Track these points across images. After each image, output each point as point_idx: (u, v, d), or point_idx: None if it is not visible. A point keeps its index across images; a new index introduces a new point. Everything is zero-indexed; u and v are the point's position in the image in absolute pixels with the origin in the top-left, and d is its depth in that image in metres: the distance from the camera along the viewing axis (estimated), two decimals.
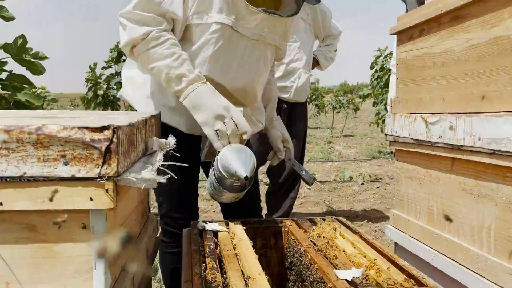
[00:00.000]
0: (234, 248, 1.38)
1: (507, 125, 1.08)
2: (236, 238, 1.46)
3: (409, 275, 1.15)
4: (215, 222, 1.60)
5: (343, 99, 13.74)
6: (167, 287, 1.97)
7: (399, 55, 1.69)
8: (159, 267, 2.75)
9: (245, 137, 1.49)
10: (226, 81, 1.64)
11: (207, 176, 1.99)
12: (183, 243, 1.53)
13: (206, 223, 1.57)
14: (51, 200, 0.88)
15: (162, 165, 1.13)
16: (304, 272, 1.38)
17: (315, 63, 3.70)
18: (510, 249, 1.13)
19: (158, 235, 1.72)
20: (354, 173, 6.55)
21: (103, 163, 0.88)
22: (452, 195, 1.38)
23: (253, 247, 1.38)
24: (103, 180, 0.88)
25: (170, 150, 1.34)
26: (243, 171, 1.39)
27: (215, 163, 1.49)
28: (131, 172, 0.94)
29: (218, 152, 1.49)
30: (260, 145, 2.94)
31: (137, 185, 0.93)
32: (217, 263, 1.25)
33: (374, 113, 9.62)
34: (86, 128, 0.88)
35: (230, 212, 1.93)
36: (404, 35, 1.65)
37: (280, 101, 3.35)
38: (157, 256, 1.93)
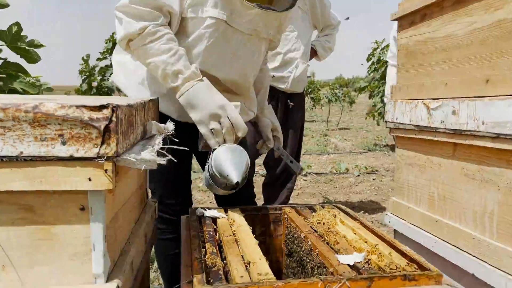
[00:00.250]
0: (234, 234, 1.37)
1: (511, 108, 1.07)
2: (235, 225, 1.45)
3: (411, 260, 1.14)
4: (214, 209, 1.59)
5: (338, 92, 13.73)
6: (163, 273, 1.96)
7: (400, 41, 1.67)
8: (155, 256, 2.74)
9: (240, 135, 1.48)
10: (220, 75, 1.63)
11: (200, 164, 1.98)
12: (181, 229, 1.51)
13: (205, 210, 1.55)
14: (48, 180, 0.86)
15: (161, 148, 1.11)
16: (304, 258, 1.36)
17: (313, 53, 3.67)
18: None
19: None
20: (350, 165, 6.55)
21: (102, 142, 0.86)
22: (454, 180, 1.37)
23: (252, 234, 1.37)
24: (102, 160, 0.86)
25: (168, 135, 1.32)
26: (235, 177, 1.40)
27: (209, 160, 1.49)
28: (131, 153, 0.91)
29: (213, 149, 1.50)
30: (256, 136, 2.92)
31: (136, 166, 0.91)
32: (217, 249, 1.23)
33: (370, 105, 9.62)
34: (85, 106, 0.85)
35: (225, 201, 1.92)
36: (405, 20, 1.63)
37: (277, 91, 3.33)
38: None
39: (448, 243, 1.37)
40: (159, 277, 2.60)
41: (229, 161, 1.42)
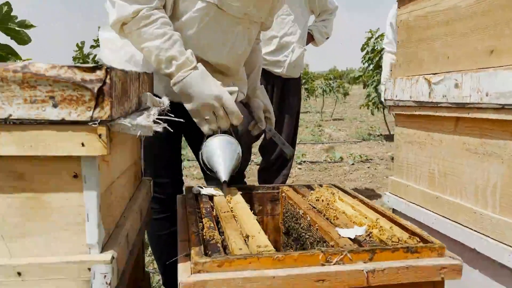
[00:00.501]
0: (231, 211, 1.34)
1: None
2: (232, 202, 1.42)
3: (413, 233, 1.12)
4: (211, 187, 1.55)
5: (333, 82, 13.70)
6: (156, 254, 1.93)
7: (400, 17, 1.64)
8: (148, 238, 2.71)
9: (235, 123, 1.46)
10: (210, 58, 1.60)
11: (191, 146, 1.95)
12: (177, 207, 1.48)
13: (202, 188, 1.52)
14: (39, 145, 0.82)
15: (158, 119, 1.07)
16: (303, 234, 1.34)
17: (310, 38, 3.63)
18: None
19: None
20: (344, 154, 6.55)
21: (96, 105, 0.82)
22: (455, 156, 1.35)
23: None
24: (96, 124, 0.82)
25: (163, 109, 1.28)
26: (223, 175, 1.40)
27: (202, 147, 1.48)
28: (126, 119, 0.87)
29: (206, 137, 1.48)
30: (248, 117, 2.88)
31: (132, 132, 0.87)
32: (215, 224, 1.20)
33: (364, 95, 9.60)
34: (77, 67, 0.81)
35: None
36: None
37: (273, 76, 3.29)
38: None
39: (449, 219, 1.35)
40: (153, 262, 2.57)
41: (219, 156, 1.42)
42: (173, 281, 1.98)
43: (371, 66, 8.08)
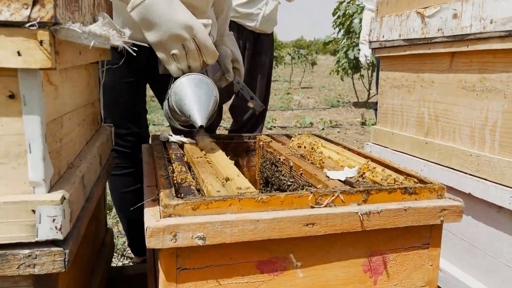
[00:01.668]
0: (205, 156, 1.19)
1: None
2: (206, 148, 1.27)
3: (409, 175, 1.01)
4: (181, 135, 1.39)
5: (302, 50, 13.54)
6: (120, 214, 1.77)
7: None
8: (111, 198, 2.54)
9: (209, 61, 1.23)
10: None
11: (157, 95, 1.76)
12: (143, 155, 1.32)
13: (171, 135, 1.35)
14: None
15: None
16: (285, 182, 1.21)
17: None
18: None
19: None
20: (314, 119, 6.48)
21: (34, 2, 0.64)
22: (449, 96, 1.24)
23: None
24: (35, 26, 0.64)
25: (124, 38, 1.09)
26: (199, 119, 1.14)
27: (169, 91, 1.24)
28: (75, 24, 0.70)
29: (174, 78, 1.23)
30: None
31: (83, 41, 0.70)
32: (187, 168, 1.05)
33: (333, 64, 9.52)
34: None
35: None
36: None
37: (245, 30, 3.09)
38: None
39: (440, 164, 1.26)
40: (118, 223, 2.41)
41: (193, 98, 1.16)
42: (139, 242, 1.83)
43: (342, 31, 7.95)
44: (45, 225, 0.70)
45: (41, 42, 0.65)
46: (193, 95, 1.17)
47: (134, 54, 0.90)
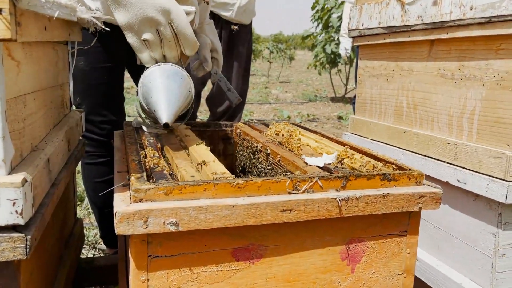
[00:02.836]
0: (180, 142, 1.15)
1: None
2: (181, 135, 1.23)
3: (388, 162, 1.00)
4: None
5: (281, 44, 13.53)
6: (93, 205, 1.71)
7: None
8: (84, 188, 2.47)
9: (188, 52, 1.11)
10: None
11: (134, 81, 1.69)
12: (114, 141, 1.26)
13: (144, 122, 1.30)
14: None
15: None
16: (263, 169, 1.18)
17: None
18: (498, 131, 1.01)
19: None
20: (292, 113, 6.48)
21: None
22: (428, 85, 1.24)
23: None
24: None
25: (96, 22, 1.04)
26: (164, 116, 0.99)
27: (140, 81, 1.10)
28: None
29: (146, 68, 1.09)
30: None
31: (47, 11, 0.65)
32: (160, 153, 1.01)
33: (311, 59, 9.54)
34: None
35: None
36: None
37: (221, 19, 3.04)
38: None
39: (418, 153, 1.25)
40: (90, 215, 2.34)
41: (162, 91, 1.01)
42: (111, 233, 1.77)
43: (320, 26, 7.96)
44: (5, 209, 0.65)
45: (0, 11, 0.60)
46: (162, 88, 1.01)
47: (103, 31, 0.85)
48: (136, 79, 1.68)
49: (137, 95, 1.16)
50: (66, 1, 0.67)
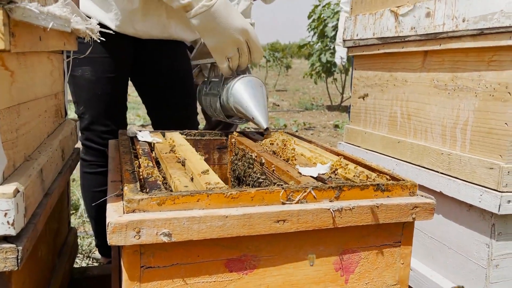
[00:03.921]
0: (174, 152, 1.15)
1: None
2: (175, 144, 1.23)
3: (381, 172, 1.00)
4: (149, 131, 1.35)
5: (277, 53, 13.59)
6: (90, 215, 1.71)
7: None
8: (81, 203, 2.45)
9: (256, 61, 1.34)
10: None
11: (138, 89, 1.70)
12: (109, 151, 1.26)
13: (140, 131, 1.31)
14: None
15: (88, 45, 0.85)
16: (257, 179, 1.18)
17: None
18: (491, 142, 1.02)
19: (78, 151, 1.43)
20: (288, 121, 6.50)
21: None
22: (421, 95, 1.24)
23: None
24: None
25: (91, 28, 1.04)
26: (263, 122, 1.26)
27: (224, 90, 1.33)
28: (32, 3, 0.65)
29: (225, 78, 1.34)
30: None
31: (41, 22, 0.65)
32: (154, 163, 1.01)
33: (307, 68, 9.57)
34: None
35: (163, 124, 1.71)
36: None
37: None
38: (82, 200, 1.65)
39: (412, 163, 1.26)
40: (84, 224, 2.33)
41: (252, 100, 1.27)
42: (106, 243, 1.76)
43: (316, 35, 8.01)
44: None
45: None
46: (252, 94, 1.28)
47: (98, 41, 0.86)
48: (139, 88, 1.69)
49: (218, 101, 1.39)
50: (61, 12, 0.67)
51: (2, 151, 0.68)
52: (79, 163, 1.61)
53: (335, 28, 7.06)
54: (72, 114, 1.63)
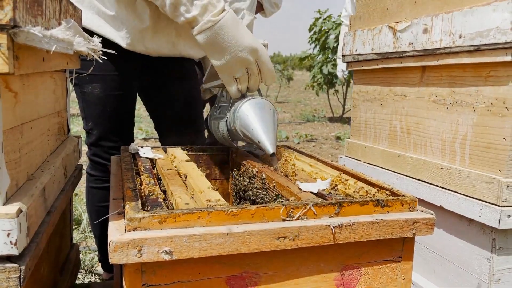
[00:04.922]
0: (175, 168, 1.16)
1: (496, 13, 0.95)
2: (176, 160, 1.24)
3: (381, 188, 1.01)
4: (151, 147, 1.36)
5: (279, 65, 13.67)
6: (94, 229, 1.71)
7: None
8: (84, 218, 2.46)
9: (268, 83, 1.26)
10: None
11: (145, 104, 1.72)
12: (111, 168, 1.27)
13: (141, 147, 1.32)
14: None
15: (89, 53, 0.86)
16: (258, 194, 1.19)
17: (259, 8, 3.45)
18: (490, 156, 1.02)
19: (81, 165, 1.44)
20: (290, 133, 6.51)
21: None
22: (420, 110, 1.25)
23: None
24: None
25: (94, 50, 1.06)
26: (270, 147, 1.15)
27: (231, 114, 1.24)
28: (35, 27, 0.66)
29: (233, 101, 1.25)
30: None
31: (44, 45, 0.67)
32: (155, 180, 1.02)
33: (308, 80, 9.62)
34: None
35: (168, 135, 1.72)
36: None
37: None
38: (86, 215, 1.66)
39: (412, 177, 1.26)
40: (87, 239, 2.33)
41: (259, 124, 1.17)
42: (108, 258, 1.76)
43: (318, 47, 8.06)
44: None
45: None
46: (260, 117, 1.18)
47: (101, 61, 0.88)
48: (147, 104, 1.71)
49: (225, 125, 1.30)
50: (64, 36, 0.69)
51: (6, 171, 0.69)
52: (85, 177, 1.63)
53: (337, 39, 7.11)
54: (75, 128, 1.65)
